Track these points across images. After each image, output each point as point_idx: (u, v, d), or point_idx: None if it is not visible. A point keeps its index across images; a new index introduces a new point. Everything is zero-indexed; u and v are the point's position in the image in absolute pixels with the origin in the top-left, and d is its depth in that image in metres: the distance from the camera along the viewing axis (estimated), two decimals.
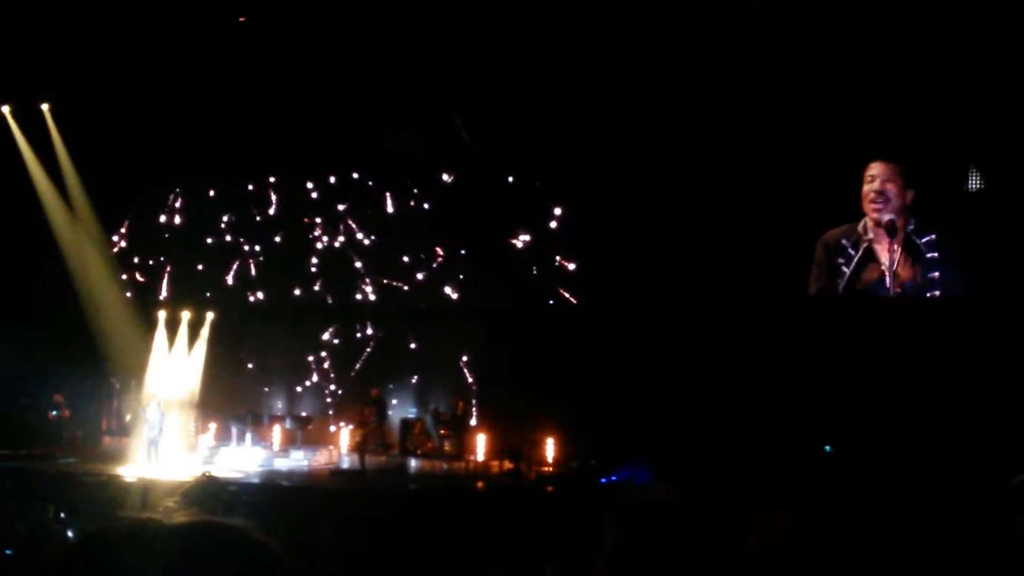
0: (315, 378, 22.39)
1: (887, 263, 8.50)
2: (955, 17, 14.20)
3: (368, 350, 21.79)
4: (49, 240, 21.14)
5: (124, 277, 22.32)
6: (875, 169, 9.05)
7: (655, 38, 16.04)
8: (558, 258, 19.76)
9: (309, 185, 21.73)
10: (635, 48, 16.28)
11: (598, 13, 15.94)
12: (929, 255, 8.90)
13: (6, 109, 20.50)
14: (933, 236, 9.02)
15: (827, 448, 14.33)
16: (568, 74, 17.08)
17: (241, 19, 17.25)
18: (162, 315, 21.78)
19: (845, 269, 10.62)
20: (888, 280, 8.63)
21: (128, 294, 22.36)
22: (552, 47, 16.65)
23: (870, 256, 9.00)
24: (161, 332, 21.65)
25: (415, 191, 20.79)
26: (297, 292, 22.20)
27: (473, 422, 20.20)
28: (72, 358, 20.86)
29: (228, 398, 22.07)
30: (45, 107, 20.44)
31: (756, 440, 14.68)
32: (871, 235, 8.82)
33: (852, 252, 9.32)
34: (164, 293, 22.73)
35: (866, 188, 8.81)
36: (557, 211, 19.64)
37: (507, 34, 16.67)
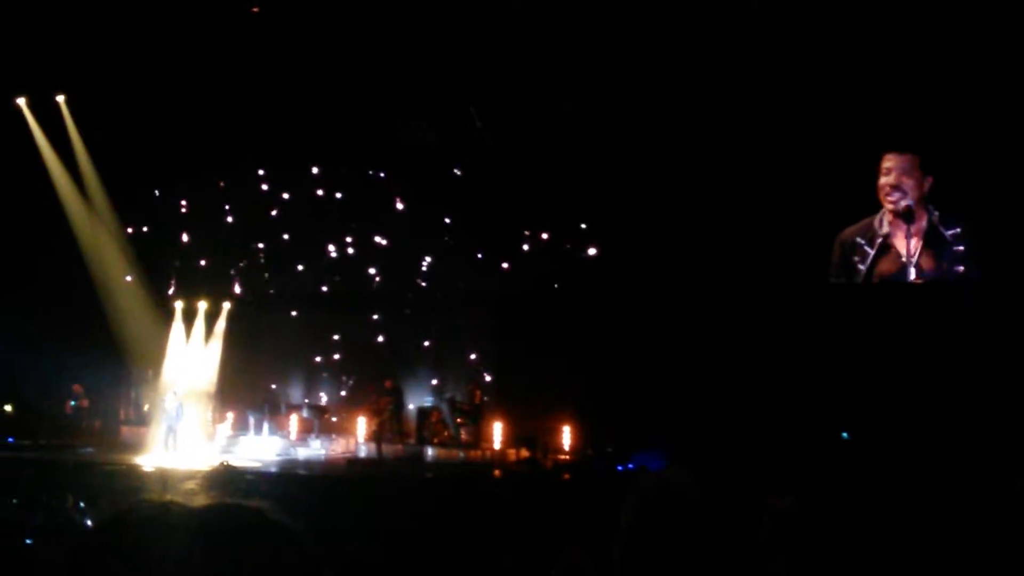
0: (332, 367, 22.44)
1: (907, 253, 8.42)
2: (968, 7, 14.11)
3: (384, 339, 21.82)
4: (66, 231, 21.23)
5: (130, 278, 22.31)
6: (890, 161, 8.93)
7: (671, 33, 16.04)
8: (572, 246, 19.74)
9: (324, 175, 21.74)
10: (651, 43, 16.28)
11: (613, 9, 15.96)
12: (956, 248, 8.81)
13: (22, 101, 20.56)
14: (959, 229, 8.95)
15: (844, 435, 14.32)
16: (583, 65, 17.07)
17: (254, 9, 17.27)
18: (179, 305, 21.86)
19: (861, 267, 10.60)
20: (910, 271, 8.54)
21: (141, 290, 22.41)
22: (565, 39, 16.64)
23: (887, 250, 8.93)
24: (178, 322, 21.74)
25: (431, 182, 20.77)
26: (314, 282, 22.23)
27: (489, 411, 20.21)
28: (90, 348, 20.96)
29: (245, 388, 22.13)
30: (61, 99, 20.49)
31: (770, 426, 14.72)
32: (887, 229, 8.74)
33: (868, 250, 9.27)
34: (179, 284, 22.78)
35: (882, 181, 8.72)
36: (574, 200, 19.60)
37: (518, 28, 16.68)
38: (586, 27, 16.42)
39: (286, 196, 22.16)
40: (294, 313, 22.44)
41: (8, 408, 21.10)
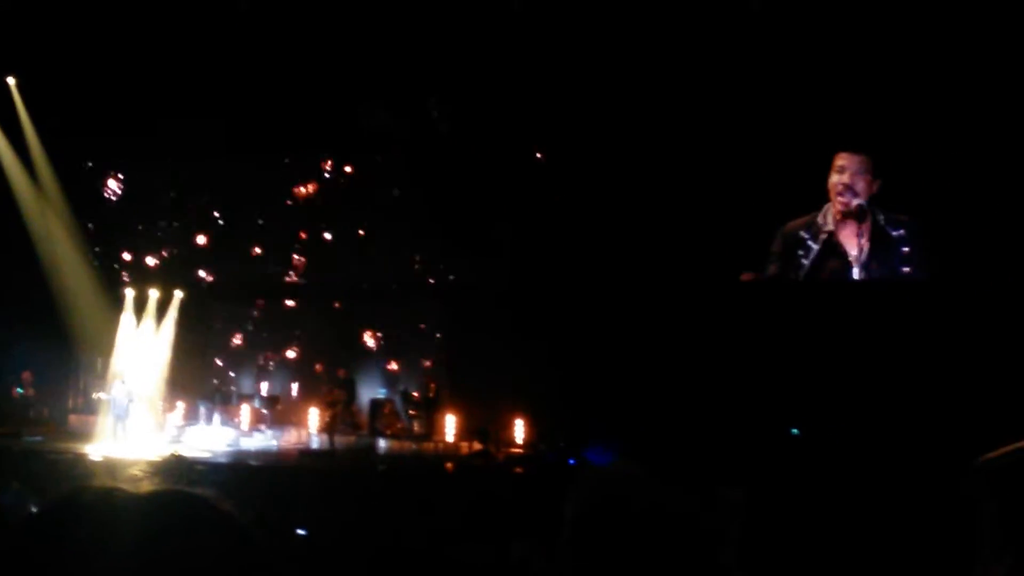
0: (284, 358, 22.33)
1: (855, 253, 8.50)
2: (927, 9, 14.29)
3: (338, 330, 21.74)
4: (15, 217, 20.94)
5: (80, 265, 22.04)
6: (844, 160, 8.97)
7: (633, 24, 16.11)
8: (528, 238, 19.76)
9: (281, 163, 21.60)
10: (610, 35, 16.34)
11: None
12: (902, 248, 8.92)
13: None
14: (903, 230, 9.05)
15: (794, 431, 14.46)
16: (543, 55, 17.12)
17: None
18: (130, 293, 21.62)
19: (804, 261, 10.67)
20: (856, 271, 8.63)
21: (91, 277, 22.14)
22: (525, 27, 16.68)
23: (832, 248, 9.00)
24: (129, 310, 21.50)
25: (386, 170, 20.71)
26: (268, 272, 22.10)
27: (442, 403, 20.20)
28: (38, 336, 20.70)
29: (196, 377, 21.97)
30: (11, 81, 20.19)
31: (720, 420, 14.84)
32: (831, 226, 8.80)
33: (812, 244, 9.34)
34: (130, 271, 22.55)
35: (835, 179, 8.76)
36: (529, 192, 19.62)
37: (479, 15, 16.69)
38: (545, 15, 16.47)
39: (245, 182, 22.01)
40: (247, 302, 22.29)
41: None
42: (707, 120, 16.16)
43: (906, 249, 11.35)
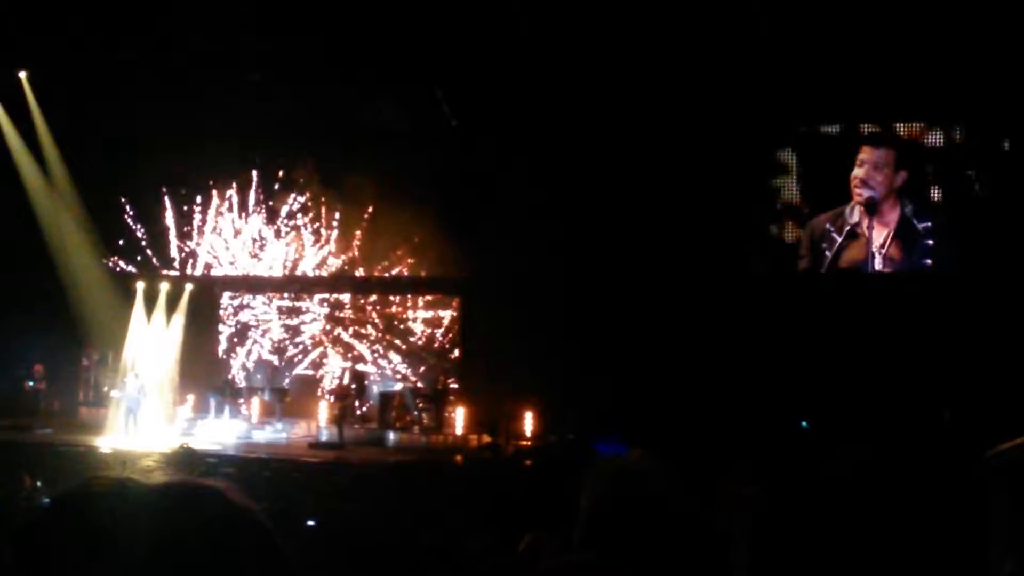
0: (294, 350, 22.35)
1: (877, 245, 8.54)
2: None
3: (348, 323, 21.76)
4: (27, 211, 20.99)
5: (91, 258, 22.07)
6: (865, 154, 9.00)
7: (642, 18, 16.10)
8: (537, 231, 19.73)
9: (287, 156, 21.62)
10: (619, 25, 16.33)
11: None
12: (927, 241, 8.95)
13: None
14: (931, 223, 9.06)
15: (803, 424, 14.43)
16: (550, 47, 17.10)
17: None
18: (140, 286, 21.64)
19: (828, 253, 10.66)
20: (876, 260, 8.66)
21: (102, 270, 22.16)
22: (531, 20, 16.68)
23: (855, 238, 9.03)
24: (139, 303, 21.51)
25: (395, 163, 20.69)
26: (276, 265, 22.13)
27: (452, 396, 20.22)
28: (49, 329, 20.76)
29: (206, 370, 21.99)
30: (23, 75, 20.22)
31: (731, 414, 14.81)
32: (856, 218, 8.84)
33: (836, 236, 9.36)
34: (141, 264, 22.59)
35: (854, 171, 8.78)
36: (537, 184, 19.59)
37: (485, 9, 16.71)
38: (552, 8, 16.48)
39: (253, 177, 22.04)
40: (259, 295, 22.34)
41: None
42: (722, 115, 16.10)
43: (930, 242, 11.27)
